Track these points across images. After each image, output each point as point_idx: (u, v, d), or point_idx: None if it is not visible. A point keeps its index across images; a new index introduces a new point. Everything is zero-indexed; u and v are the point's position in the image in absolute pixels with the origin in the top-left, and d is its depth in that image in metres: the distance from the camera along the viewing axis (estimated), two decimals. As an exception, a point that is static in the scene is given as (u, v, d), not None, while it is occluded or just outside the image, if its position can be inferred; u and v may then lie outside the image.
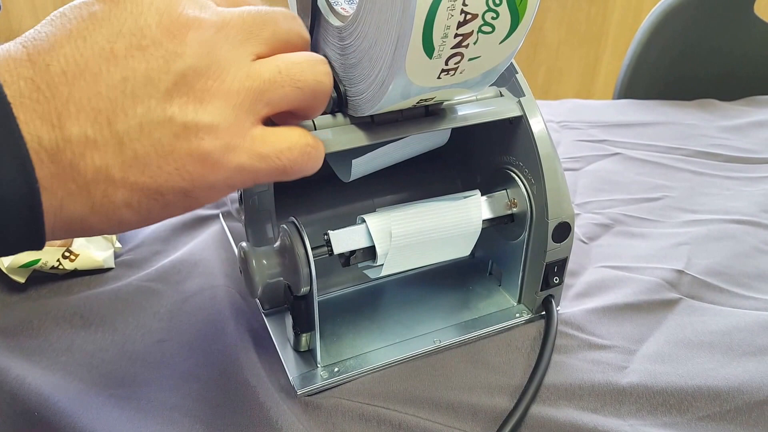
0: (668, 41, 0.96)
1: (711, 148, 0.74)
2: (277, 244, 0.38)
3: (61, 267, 0.48)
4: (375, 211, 0.40)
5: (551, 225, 0.41)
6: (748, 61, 0.97)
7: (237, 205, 0.44)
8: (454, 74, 0.32)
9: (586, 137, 0.77)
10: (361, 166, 0.40)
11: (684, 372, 0.41)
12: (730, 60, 0.97)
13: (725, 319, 0.46)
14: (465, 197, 0.42)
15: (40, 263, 0.47)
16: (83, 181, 0.23)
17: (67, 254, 0.49)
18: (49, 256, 0.48)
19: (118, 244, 0.53)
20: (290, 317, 0.40)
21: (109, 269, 0.51)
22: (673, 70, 0.97)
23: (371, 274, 0.41)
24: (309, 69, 0.27)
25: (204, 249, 0.52)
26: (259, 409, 0.37)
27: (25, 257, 0.47)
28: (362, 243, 0.39)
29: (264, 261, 0.37)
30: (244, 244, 0.37)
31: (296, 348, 0.41)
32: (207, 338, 0.43)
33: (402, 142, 0.39)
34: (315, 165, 0.29)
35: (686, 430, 0.37)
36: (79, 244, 0.49)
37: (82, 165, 0.23)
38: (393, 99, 0.33)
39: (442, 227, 0.40)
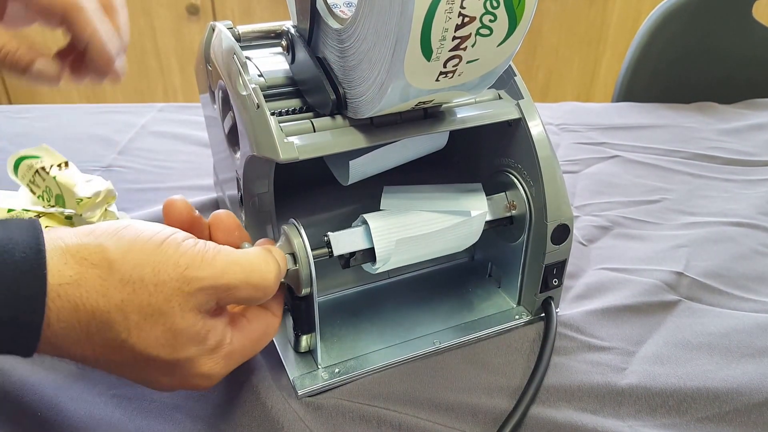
0: (667, 44, 0.96)
1: (710, 150, 0.74)
2: (278, 245, 0.38)
3: (46, 172, 0.48)
4: (377, 210, 0.40)
5: (550, 227, 0.42)
6: (746, 65, 0.97)
7: (238, 206, 0.44)
8: (452, 77, 0.32)
9: (585, 140, 0.77)
10: (359, 168, 0.41)
11: (683, 373, 0.41)
12: (728, 63, 0.97)
13: (724, 321, 0.46)
14: (468, 190, 0.42)
15: (29, 159, 0.48)
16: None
17: (62, 164, 0.49)
18: (49, 157, 0.49)
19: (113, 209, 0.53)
20: (291, 318, 0.40)
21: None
22: (672, 72, 0.98)
23: (369, 269, 0.41)
24: None
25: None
26: (261, 409, 0.37)
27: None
28: (362, 245, 0.39)
29: None
30: (246, 244, 0.38)
31: (297, 349, 0.41)
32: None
33: (399, 145, 0.40)
34: None
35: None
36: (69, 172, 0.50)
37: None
38: (392, 101, 0.33)
39: (444, 239, 0.41)
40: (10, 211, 0.48)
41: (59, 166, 0.50)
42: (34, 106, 0.86)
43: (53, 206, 0.50)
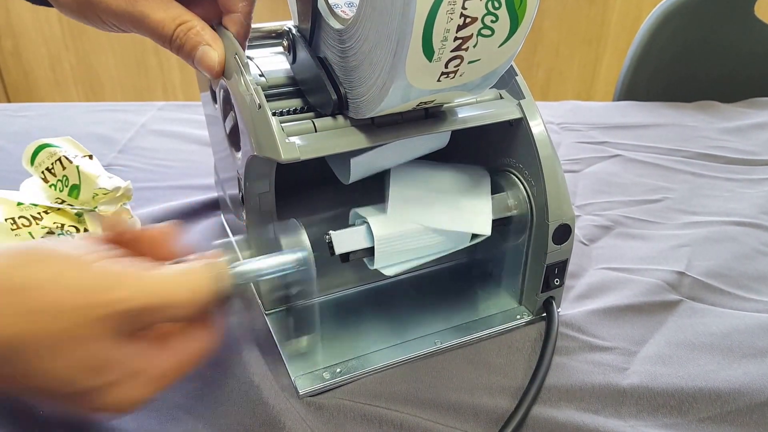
0: (668, 42, 0.96)
1: (711, 149, 0.74)
2: (220, 259, 0.37)
3: (69, 161, 0.49)
4: (381, 208, 0.40)
5: (551, 227, 0.42)
6: (748, 63, 0.97)
7: (239, 205, 0.44)
8: (453, 77, 0.32)
9: (586, 139, 0.77)
10: (360, 167, 0.41)
11: (684, 373, 0.41)
12: (730, 61, 0.97)
13: (726, 320, 0.46)
14: (476, 194, 0.42)
15: (52, 148, 0.50)
16: None
17: (86, 156, 0.51)
18: (74, 148, 0.51)
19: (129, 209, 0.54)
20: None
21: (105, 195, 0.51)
22: (673, 71, 0.97)
23: (368, 264, 0.41)
24: None
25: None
26: (263, 408, 0.37)
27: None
28: (363, 244, 0.39)
29: None
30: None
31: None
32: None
33: (400, 144, 0.40)
34: None
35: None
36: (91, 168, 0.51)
37: None
38: (393, 101, 0.33)
39: (444, 248, 0.41)
40: (19, 204, 0.48)
41: (84, 157, 0.51)
42: (33, 104, 0.86)
43: (64, 199, 0.50)
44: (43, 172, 0.50)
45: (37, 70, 1.76)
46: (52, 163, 0.50)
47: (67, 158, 0.50)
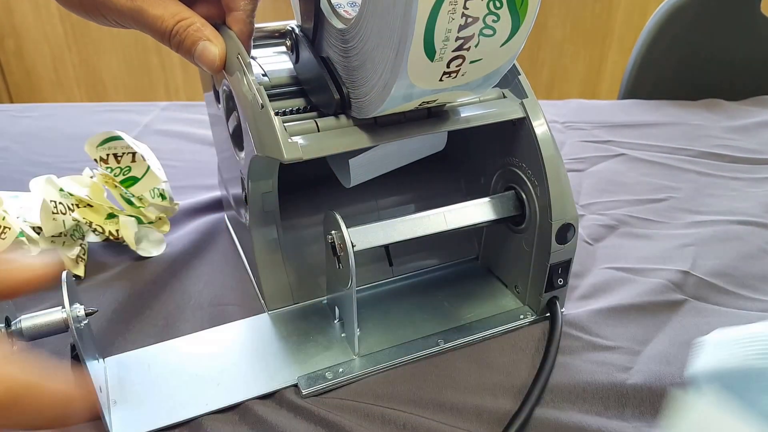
0: (673, 40, 0.95)
1: (716, 148, 0.74)
2: None
3: (143, 159, 0.51)
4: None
5: (555, 226, 0.41)
6: (753, 61, 0.96)
7: (242, 205, 0.44)
8: (456, 77, 0.32)
9: (590, 138, 0.77)
10: (360, 170, 0.41)
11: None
12: (735, 60, 0.96)
13: (730, 320, 0.46)
14: None
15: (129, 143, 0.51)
16: None
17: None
18: (144, 151, 0.52)
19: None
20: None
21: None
22: (678, 69, 0.97)
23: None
24: None
25: (209, 251, 0.53)
26: (265, 409, 0.37)
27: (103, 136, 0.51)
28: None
29: None
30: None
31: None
32: (212, 340, 0.43)
33: (397, 146, 0.39)
34: None
35: None
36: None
37: None
38: (395, 101, 0.33)
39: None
40: (61, 190, 0.50)
41: (154, 162, 0.53)
42: (36, 105, 0.87)
43: (116, 185, 0.52)
44: (108, 155, 0.51)
45: (40, 71, 1.76)
46: (123, 153, 0.51)
47: (142, 156, 0.51)
